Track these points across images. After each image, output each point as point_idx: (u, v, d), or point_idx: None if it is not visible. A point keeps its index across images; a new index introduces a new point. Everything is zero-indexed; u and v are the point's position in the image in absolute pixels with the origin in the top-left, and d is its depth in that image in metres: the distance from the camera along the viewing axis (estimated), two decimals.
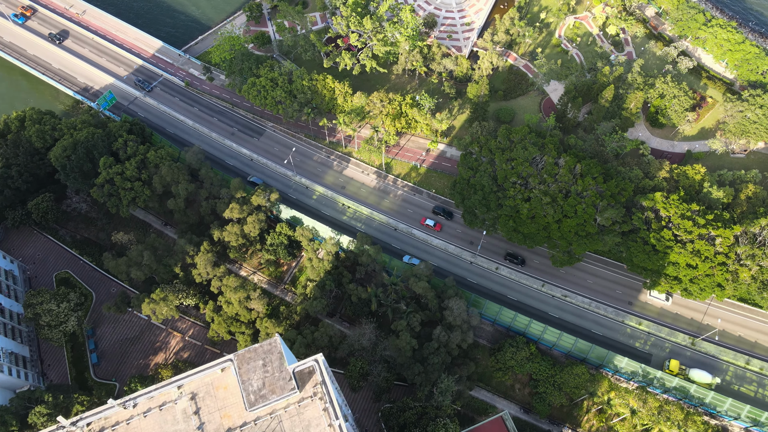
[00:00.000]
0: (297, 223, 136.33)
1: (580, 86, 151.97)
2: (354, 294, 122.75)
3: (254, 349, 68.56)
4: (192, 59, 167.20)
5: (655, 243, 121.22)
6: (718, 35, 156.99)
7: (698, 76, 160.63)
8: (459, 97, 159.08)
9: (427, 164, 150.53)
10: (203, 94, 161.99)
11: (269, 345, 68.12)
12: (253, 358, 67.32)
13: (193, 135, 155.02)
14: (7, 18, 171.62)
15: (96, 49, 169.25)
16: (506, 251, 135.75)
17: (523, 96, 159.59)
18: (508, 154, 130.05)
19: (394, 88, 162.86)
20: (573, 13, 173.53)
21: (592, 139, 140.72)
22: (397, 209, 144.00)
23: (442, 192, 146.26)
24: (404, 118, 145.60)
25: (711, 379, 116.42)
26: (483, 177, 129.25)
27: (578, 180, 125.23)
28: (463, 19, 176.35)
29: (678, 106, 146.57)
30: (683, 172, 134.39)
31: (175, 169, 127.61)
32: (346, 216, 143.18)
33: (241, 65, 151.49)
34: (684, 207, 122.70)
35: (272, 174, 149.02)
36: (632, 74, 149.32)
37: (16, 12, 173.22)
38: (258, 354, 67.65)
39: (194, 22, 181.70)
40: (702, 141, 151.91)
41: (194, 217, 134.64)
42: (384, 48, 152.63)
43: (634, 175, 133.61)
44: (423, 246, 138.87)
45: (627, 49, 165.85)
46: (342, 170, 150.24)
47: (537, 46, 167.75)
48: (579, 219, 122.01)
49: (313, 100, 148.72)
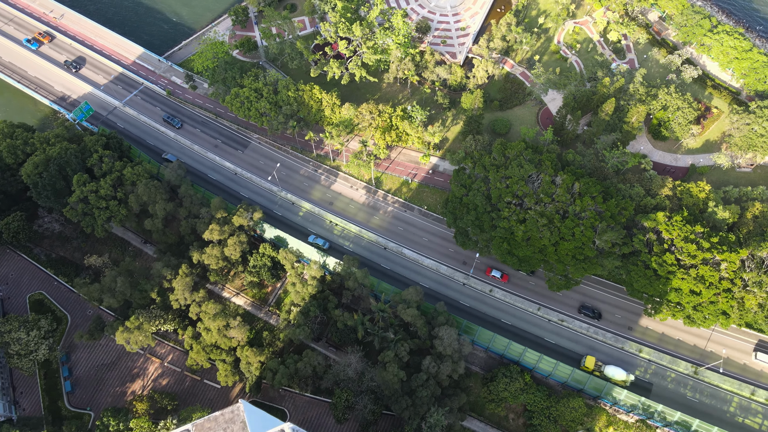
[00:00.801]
0: (281, 243, 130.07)
1: (580, 97, 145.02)
2: (340, 320, 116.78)
3: (214, 418, 62.68)
4: (174, 66, 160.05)
5: (656, 267, 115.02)
6: (724, 42, 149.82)
7: (703, 84, 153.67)
8: (453, 107, 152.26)
9: (419, 179, 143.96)
10: (186, 103, 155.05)
11: (231, 413, 62.26)
12: (213, 428, 61.43)
13: (175, 147, 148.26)
14: (20, 43, 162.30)
15: (74, 56, 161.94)
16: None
17: (520, 106, 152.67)
18: (502, 172, 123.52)
19: (385, 97, 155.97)
20: (572, 18, 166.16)
21: (591, 154, 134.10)
22: (387, 227, 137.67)
23: (434, 208, 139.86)
24: (395, 131, 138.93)
25: (625, 376, 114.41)
26: (476, 196, 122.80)
27: (576, 200, 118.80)
28: (458, 23, 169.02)
29: (682, 118, 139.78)
30: (687, 190, 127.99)
31: (152, 188, 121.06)
32: (334, 234, 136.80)
33: (225, 74, 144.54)
34: (687, 229, 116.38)
35: (257, 189, 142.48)
36: (634, 84, 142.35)
37: (29, 37, 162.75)
38: (219, 424, 61.85)
39: (177, 27, 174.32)
40: (707, 154, 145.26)
41: (173, 237, 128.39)
42: (374, 56, 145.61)
43: (635, 193, 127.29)
44: (413, 266, 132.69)
45: (629, 56, 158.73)
46: (330, 185, 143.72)
47: (535, 53, 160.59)
48: (577, 242, 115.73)
49: (300, 112, 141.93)
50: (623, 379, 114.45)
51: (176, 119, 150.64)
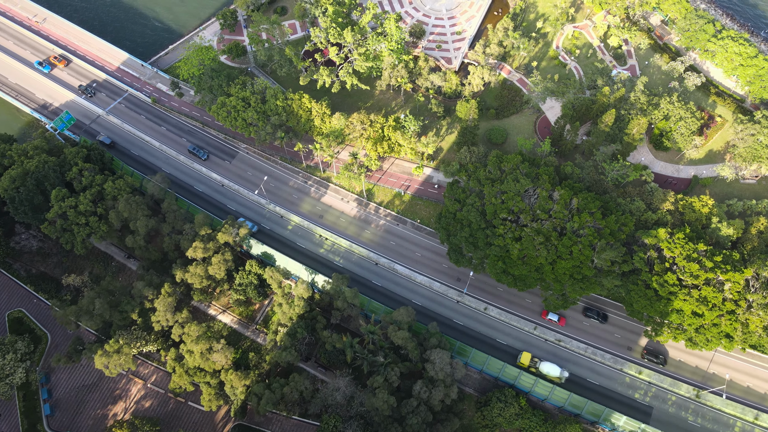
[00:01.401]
0: (269, 259, 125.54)
1: (579, 106, 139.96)
2: (328, 342, 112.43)
3: None
4: (160, 73, 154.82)
5: (657, 288, 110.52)
6: (728, 48, 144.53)
7: (706, 92, 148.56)
8: (447, 115, 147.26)
9: (412, 191, 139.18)
10: (171, 111, 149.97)
11: None
12: None
13: (160, 157, 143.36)
14: (31, 66, 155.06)
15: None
16: None
17: (517, 114, 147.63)
18: (498, 186, 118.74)
19: (377, 105, 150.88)
20: (572, 22, 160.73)
21: (590, 166, 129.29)
22: (379, 241, 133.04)
23: (428, 222, 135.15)
24: (387, 142, 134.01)
25: (559, 373, 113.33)
26: (470, 212, 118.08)
27: (574, 216, 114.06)
28: (453, 27, 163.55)
29: (684, 128, 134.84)
30: (689, 204, 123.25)
31: (133, 204, 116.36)
32: (324, 249, 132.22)
33: (211, 82, 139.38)
34: (690, 247, 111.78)
35: (245, 202, 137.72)
36: (635, 93, 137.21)
37: (41, 59, 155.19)
38: None
39: (164, 30, 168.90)
40: (710, 165, 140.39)
41: (157, 253, 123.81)
42: (366, 63, 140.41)
43: (635, 208, 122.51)
44: (406, 283, 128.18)
45: (630, 62, 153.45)
46: (320, 197, 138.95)
47: (533, 59, 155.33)
48: (575, 261, 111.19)
49: (288, 121, 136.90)
50: (557, 376, 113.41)
51: (203, 151, 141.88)
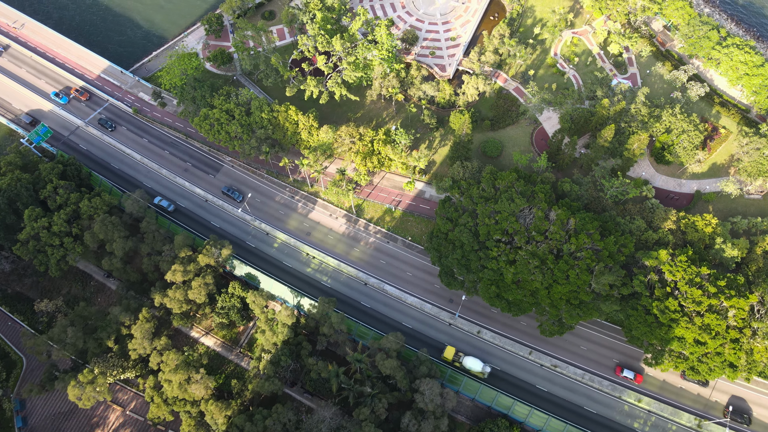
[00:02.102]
0: (253, 280, 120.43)
1: (577, 117, 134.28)
2: (314, 370, 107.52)
3: None
4: (141, 81, 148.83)
5: (658, 314, 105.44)
6: (734, 56, 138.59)
7: (710, 101, 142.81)
8: (441, 126, 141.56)
9: (404, 206, 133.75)
10: (153, 122, 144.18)
11: None
12: None
13: (141, 171, 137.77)
14: (47, 97, 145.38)
15: (34, 69, 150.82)
16: None
17: (513, 125, 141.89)
18: (491, 206, 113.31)
19: (368, 115, 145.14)
20: (571, 28, 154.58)
21: (589, 182, 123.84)
22: (368, 260, 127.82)
23: (419, 240, 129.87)
24: (377, 157, 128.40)
25: (481, 368, 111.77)
26: (463, 232, 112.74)
27: (572, 237, 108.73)
28: (448, 33, 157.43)
29: (687, 142, 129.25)
30: (692, 223, 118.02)
31: (108, 225, 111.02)
32: (311, 268, 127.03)
33: (193, 93, 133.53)
34: (692, 271, 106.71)
35: (229, 218, 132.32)
36: (636, 105, 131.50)
37: (57, 90, 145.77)
38: None
39: (146, 37, 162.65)
40: (713, 179, 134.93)
41: (135, 275, 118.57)
42: (355, 73, 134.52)
43: (635, 227, 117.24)
44: (396, 304, 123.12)
45: (631, 70, 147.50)
46: (307, 213, 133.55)
47: (530, 67, 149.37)
48: (571, 286, 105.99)
49: (274, 134, 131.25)
50: (480, 371, 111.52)
51: (237, 192, 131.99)
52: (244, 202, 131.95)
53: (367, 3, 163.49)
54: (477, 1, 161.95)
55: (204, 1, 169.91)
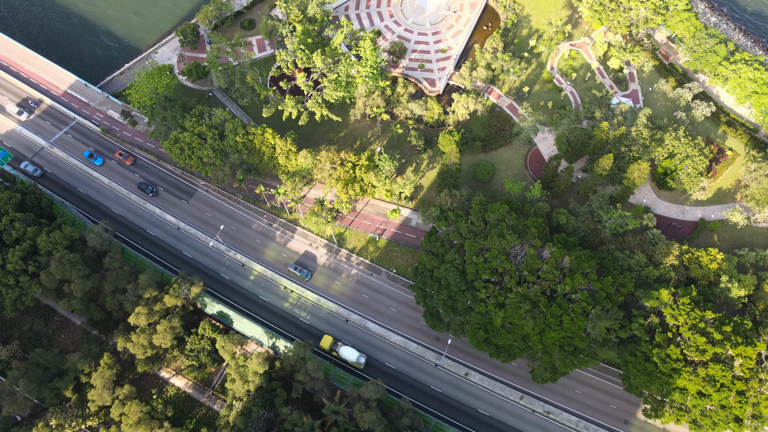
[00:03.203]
0: (225, 319, 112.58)
1: (574, 140, 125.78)
2: (288, 420, 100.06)
3: None
4: (111, 98, 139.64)
5: (658, 362, 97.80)
6: (742, 73, 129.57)
7: (716, 120, 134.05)
8: (429, 147, 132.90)
9: (389, 235, 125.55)
10: (123, 143, 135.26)
11: None
12: None
13: (110, 196, 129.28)
14: (79, 159, 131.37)
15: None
16: None
17: (506, 147, 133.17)
18: (480, 242, 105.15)
19: (351, 135, 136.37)
20: (569, 39, 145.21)
21: (586, 213, 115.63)
22: (350, 294, 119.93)
23: (405, 272, 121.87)
24: (359, 184, 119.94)
25: (356, 358, 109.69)
26: (449, 271, 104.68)
27: (566, 278, 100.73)
28: (438, 44, 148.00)
29: (691, 168, 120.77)
30: (695, 259, 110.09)
31: (66, 264, 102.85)
32: (289, 303, 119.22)
33: (164, 113, 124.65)
34: (696, 315, 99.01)
35: (202, 248, 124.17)
36: (637, 127, 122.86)
37: (91, 151, 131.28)
38: None
39: (117, 48, 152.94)
40: (719, 206, 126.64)
41: (99, 313, 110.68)
42: (337, 93, 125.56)
43: (635, 262, 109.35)
44: (379, 342, 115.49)
45: (632, 86, 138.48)
46: (286, 242, 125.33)
47: (525, 83, 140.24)
48: (565, 332, 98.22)
49: (250, 158, 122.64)
50: (354, 361, 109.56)
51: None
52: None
53: (352, 12, 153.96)
54: (469, 9, 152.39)
55: (180, 9, 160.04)
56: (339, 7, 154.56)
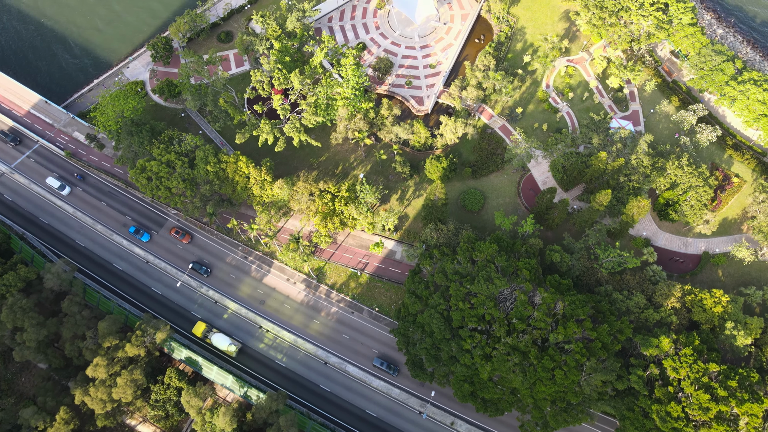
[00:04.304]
0: (194, 365, 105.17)
1: (570, 168, 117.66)
2: None
3: None
4: (76, 119, 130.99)
5: (658, 421, 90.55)
6: (750, 94, 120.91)
7: (721, 144, 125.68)
8: (416, 172, 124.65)
9: (371, 269, 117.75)
10: (89, 168, 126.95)
11: None
12: None
13: (74, 227, 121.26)
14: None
15: None
16: None
17: (498, 172, 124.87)
18: (467, 286, 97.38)
19: (333, 159, 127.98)
20: (565, 54, 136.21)
21: (581, 249, 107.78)
22: (330, 334, 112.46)
23: (387, 310, 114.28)
24: (338, 217, 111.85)
25: (227, 345, 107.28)
26: (433, 317, 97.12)
27: (559, 326, 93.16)
28: (427, 59, 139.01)
29: (695, 200, 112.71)
30: (699, 302, 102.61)
31: (18, 312, 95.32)
32: (264, 344, 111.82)
33: (130, 139, 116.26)
34: (699, 368, 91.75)
35: (173, 283, 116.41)
36: (637, 155, 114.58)
37: (136, 227, 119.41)
38: None
39: (86, 63, 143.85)
40: (724, 238, 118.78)
41: (58, 361, 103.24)
42: (315, 118, 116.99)
43: (634, 304, 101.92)
44: (359, 387, 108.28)
45: (632, 106, 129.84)
46: (262, 277, 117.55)
47: (518, 102, 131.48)
48: (558, 386, 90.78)
49: (222, 189, 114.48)
50: (226, 348, 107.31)
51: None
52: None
53: (336, 23, 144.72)
54: (460, 21, 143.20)
55: (155, 18, 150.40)
56: (322, 18, 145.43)
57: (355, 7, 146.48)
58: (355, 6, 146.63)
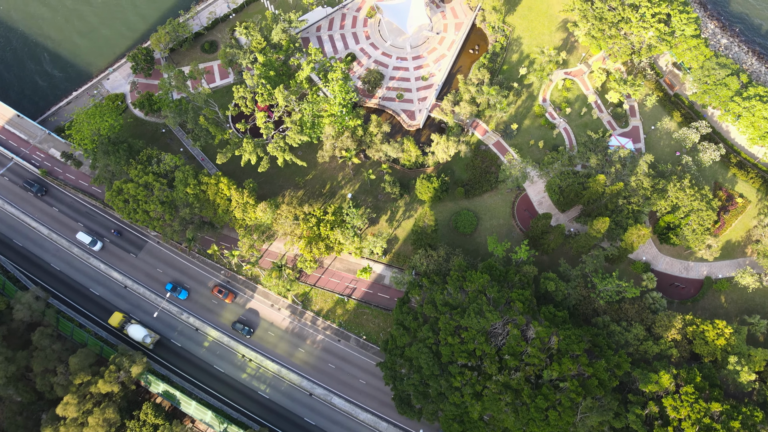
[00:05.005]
0: (172, 399, 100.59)
1: (567, 190, 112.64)
2: None
3: None
4: (53, 135, 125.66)
5: None
6: (756, 111, 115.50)
7: (725, 162, 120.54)
8: (406, 191, 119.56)
9: (359, 294, 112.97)
10: (66, 187, 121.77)
11: None
12: None
13: (50, 249, 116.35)
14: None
15: None
16: None
17: (492, 192, 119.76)
18: (457, 319, 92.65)
19: (320, 177, 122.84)
20: (563, 67, 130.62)
21: (578, 277, 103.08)
22: (315, 363, 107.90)
23: (375, 338, 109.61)
24: (324, 242, 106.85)
25: (143, 337, 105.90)
26: (422, 352, 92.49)
27: (554, 363, 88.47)
28: (419, 70, 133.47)
29: (696, 224, 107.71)
30: (700, 333, 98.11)
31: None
32: (246, 374, 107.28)
33: (106, 159, 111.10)
34: (701, 407, 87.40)
35: (152, 309, 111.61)
36: (637, 176, 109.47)
37: (174, 284, 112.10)
38: None
39: (65, 74, 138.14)
40: (727, 261, 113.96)
41: (28, 395, 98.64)
42: (300, 137, 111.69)
43: (632, 336, 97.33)
44: (345, 420, 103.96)
45: (632, 122, 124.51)
46: (245, 303, 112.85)
47: (513, 118, 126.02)
48: (551, 428, 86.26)
49: (203, 212, 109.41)
50: (140, 340, 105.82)
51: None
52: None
53: (325, 32, 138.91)
54: (454, 31, 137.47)
55: (133, 31, 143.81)
56: (311, 27, 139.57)
57: (345, 16, 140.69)
58: (344, 14, 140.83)
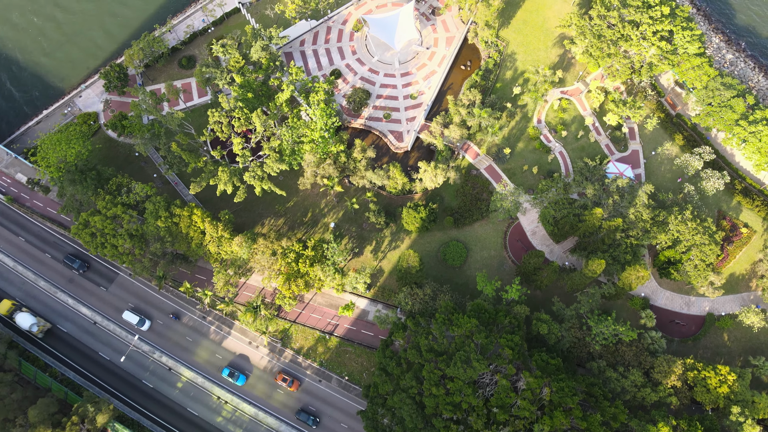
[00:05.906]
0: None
1: (562, 221, 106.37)
2: None
3: None
4: (19, 158, 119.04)
5: None
6: (762, 136, 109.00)
7: (729, 189, 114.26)
8: (392, 219, 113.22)
9: (341, 331, 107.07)
10: (33, 215, 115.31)
11: None
12: None
13: (15, 282, 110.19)
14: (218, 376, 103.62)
15: None
16: None
17: (483, 221, 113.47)
18: (442, 367, 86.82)
19: (302, 204, 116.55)
20: (559, 86, 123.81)
21: (572, 318, 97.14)
22: (295, 406, 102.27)
23: (358, 378, 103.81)
24: (303, 279, 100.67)
25: (29, 326, 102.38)
26: (405, 403, 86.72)
27: (545, 416, 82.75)
28: (407, 88, 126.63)
29: (698, 259, 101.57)
30: (702, 380, 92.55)
31: None
32: (222, 417, 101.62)
33: (72, 189, 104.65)
34: None
35: (123, 348, 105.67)
36: (636, 208, 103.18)
37: (231, 369, 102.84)
38: None
39: (34, 92, 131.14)
40: (731, 296, 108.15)
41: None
42: (278, 165, 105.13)
43: (629, 383, 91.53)
44: None
45: (632, 146, 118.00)
46: (221, 340, 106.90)
47: (507, 140, 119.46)
48: None
49: (176, 245, 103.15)
50: (27, 328, 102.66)
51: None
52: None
53: (309, 47, 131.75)
54: (445, 46, 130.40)
55: (102, 50, 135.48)
56: (294, 41, 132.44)
57: (330, 29, 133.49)
58: (329, 28, 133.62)
